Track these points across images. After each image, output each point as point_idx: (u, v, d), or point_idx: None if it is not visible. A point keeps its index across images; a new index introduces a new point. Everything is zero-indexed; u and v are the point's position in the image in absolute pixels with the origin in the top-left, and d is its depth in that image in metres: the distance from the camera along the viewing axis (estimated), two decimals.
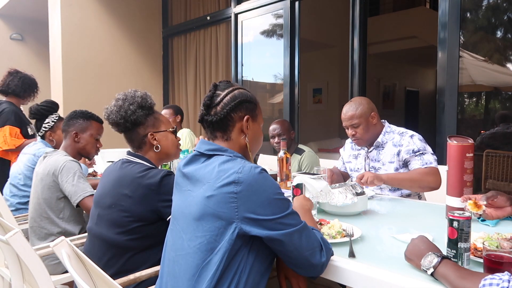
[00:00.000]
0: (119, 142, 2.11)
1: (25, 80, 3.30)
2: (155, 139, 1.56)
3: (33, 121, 3.44)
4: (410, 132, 2.13)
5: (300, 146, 2.90)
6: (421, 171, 1.98)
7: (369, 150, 2.21)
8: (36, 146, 2.46)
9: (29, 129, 3.33)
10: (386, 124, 2.21)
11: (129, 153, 1.56)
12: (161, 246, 1.39)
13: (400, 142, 2.09)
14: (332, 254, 1.12)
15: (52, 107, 2.53)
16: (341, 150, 2.48)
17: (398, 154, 2.09)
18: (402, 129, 2.17)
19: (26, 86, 3.31)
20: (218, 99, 1.17)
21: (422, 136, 2.12)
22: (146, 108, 1.56)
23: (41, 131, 2.48)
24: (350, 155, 2.36)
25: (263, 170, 1.06)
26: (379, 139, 2.16)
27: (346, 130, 2.19)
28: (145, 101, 1.56)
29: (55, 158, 1.93)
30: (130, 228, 1.40)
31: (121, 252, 1.41)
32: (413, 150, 2.03)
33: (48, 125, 2.48)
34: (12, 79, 3.27)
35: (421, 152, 2.02)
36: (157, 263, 1.40)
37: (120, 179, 1.45)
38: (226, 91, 1.19)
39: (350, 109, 2.14)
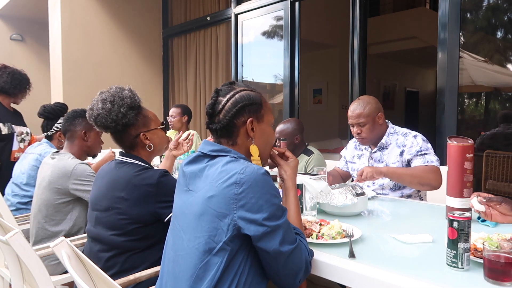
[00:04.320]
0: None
1: (14, 75, 2.99)
2: (147, 138, 1.53)
3: (23, 125, 3.30)
4: (413, 132, 2.13)
5: (310, 147, 2.83)
6: (422, 168, 1.99)
7: (373, 151, 2.21)
8: (41, 147, 2.46)
9: (2, 127, 2.95)
10: (390, 124, 2.21)
11: (121, 154, 1.53)
12: (160, 246, 1.37)
13: (404, 143, 2.10)
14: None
15: (65, 108, 2.50)
16: (342, 151, 2.47)
17: (401, 155, 2.09)
18: (405, 130, 2.17)
19: (16, 82, 2.99)
20: (220, 106, 1.16)
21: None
22: (135, 107, 1.51)
23: (51, 130, 2.45)
24: (354, 156, 2.35)
25: (266, 172, 1.06)
26: (383, 141, 2.16)
27: (351, 127, 2.17)
28: (134, 101, 1.50)
29: (64, 162, 1.91)
30: (128, 230, 1.39)
31: (120, 252, 1.40)
32: (415, 150, 2.04)
33: (61, 126, 2.46)
34: (1, 75, 2.95)
35: (423, 152, 2.03)
36: (157, 262, 1.39)
37: (115, 182, 1.44)
38: (228, 96, 1.16)
39: (358, 107, 2.12)
